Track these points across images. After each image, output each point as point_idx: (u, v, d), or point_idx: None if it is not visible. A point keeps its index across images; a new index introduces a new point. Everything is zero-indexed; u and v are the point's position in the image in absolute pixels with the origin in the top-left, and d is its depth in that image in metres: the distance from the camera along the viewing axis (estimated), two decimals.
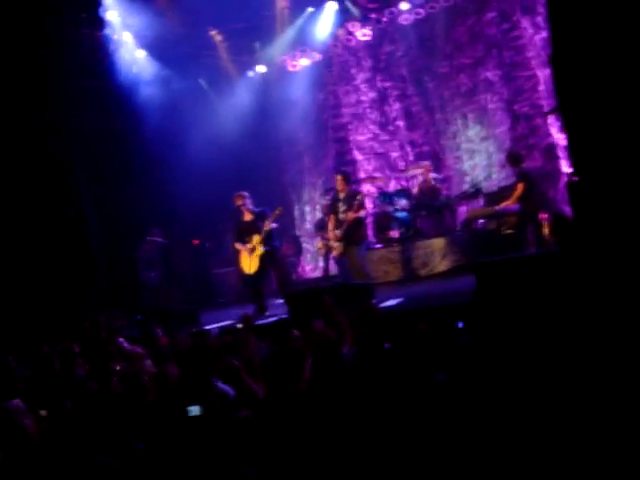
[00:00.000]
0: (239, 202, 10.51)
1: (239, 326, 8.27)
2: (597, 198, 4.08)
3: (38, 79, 12.28)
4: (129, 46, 13.68)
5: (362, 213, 10.34)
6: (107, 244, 13.69)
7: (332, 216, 10.51)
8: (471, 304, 4.83)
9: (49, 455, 3.89)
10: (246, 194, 10.60)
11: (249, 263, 10.39)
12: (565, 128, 4.35)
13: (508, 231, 11.19)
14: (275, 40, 15.06)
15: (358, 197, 10.33)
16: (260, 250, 10.28)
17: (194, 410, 4.03)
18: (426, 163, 13.23)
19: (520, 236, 10.51)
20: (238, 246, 10.54)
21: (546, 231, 10.72)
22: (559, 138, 12.36)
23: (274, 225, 10.40)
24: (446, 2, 13.60)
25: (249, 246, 10.35)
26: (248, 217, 10.49)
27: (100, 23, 12.76)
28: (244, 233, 10.49)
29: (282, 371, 4.64)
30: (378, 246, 12.65)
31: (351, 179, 11.05)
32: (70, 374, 5.65)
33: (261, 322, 9.20)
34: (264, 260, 10.34)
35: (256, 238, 10.29)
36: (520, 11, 13.15)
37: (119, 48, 13.52)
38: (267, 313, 10.26)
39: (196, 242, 14.70)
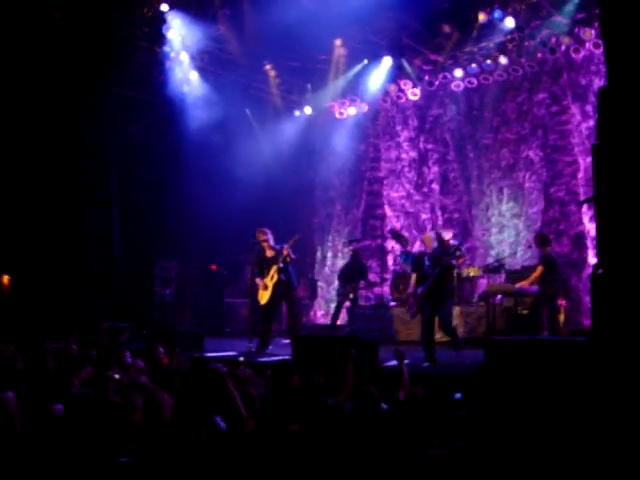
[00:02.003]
0: (262, 237, 10.50)
1: (241, 359, 8.27)
2: (619, 294, 4.04)
3: (92, 82, 12.53)
4: (184, 66, 13.88)
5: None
6: (128, 254, 13.79)
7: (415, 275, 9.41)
8: (472, 377, 4.78)
9: (29, 454, 3.85)
10: (268, 230, 10.60)
11: (264, 294, 10.38)
12: (597, 219, 4.31)
13: (524, 311, 11.12)
14: (327, 85, 15.21)
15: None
16: (276, 278, 10.27)
17: None
18: (452, 230, 13.18)
19: (535, 318, 10.41)
20: (258, 281, 10.51)
21: (562, 317, 10.64)
22: (590, 228, 12.32)
23: (293, 256, 10.39)
24: (500, 76, 13.69)
25: (267, 278, 10.35)
26: (270, 253, 10.47)
27: (161, 39, 12.99)
28: (265, 268, 10.48)
29: (277, 409, 4.61)
30: (393, 304, 12.63)
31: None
32: (64, 376, 5.58)
33: (263, 359, 9.16)
34: (278, 290, 10.33)
35: (274, 267, 10.30)
36: (571, 97, 13.23)
37: (174, 66, 13.75)
38: (269, 350, 10.22)
39: (214, 267, 14.72)
